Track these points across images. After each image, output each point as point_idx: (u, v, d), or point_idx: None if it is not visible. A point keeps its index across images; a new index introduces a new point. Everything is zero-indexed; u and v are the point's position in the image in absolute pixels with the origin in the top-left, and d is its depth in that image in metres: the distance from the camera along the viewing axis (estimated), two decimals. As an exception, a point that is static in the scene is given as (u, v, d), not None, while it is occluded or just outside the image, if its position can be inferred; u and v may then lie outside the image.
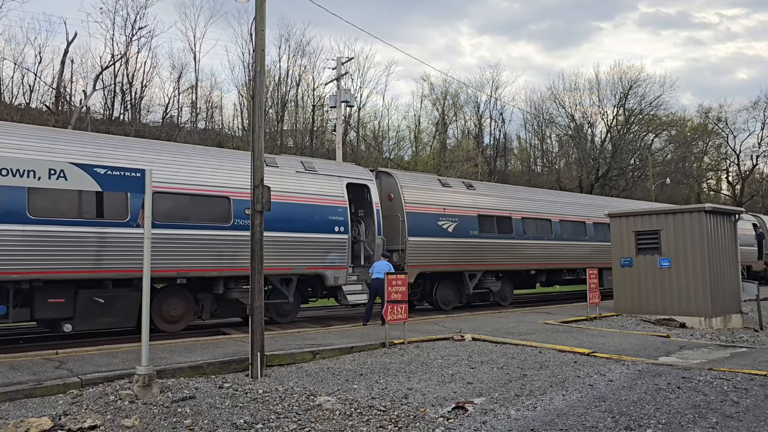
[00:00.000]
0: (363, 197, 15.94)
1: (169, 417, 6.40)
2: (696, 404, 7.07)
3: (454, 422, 6.50)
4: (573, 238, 21.56)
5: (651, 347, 11.06)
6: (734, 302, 16.28)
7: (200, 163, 12.82)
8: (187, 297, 12.78)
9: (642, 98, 53.81)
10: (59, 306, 10.82)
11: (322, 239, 14.24)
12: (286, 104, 45.97)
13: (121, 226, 11.23)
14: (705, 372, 8.79)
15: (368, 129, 51.45)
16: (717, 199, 61.20)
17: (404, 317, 11.14)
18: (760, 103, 59.79)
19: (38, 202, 10.42)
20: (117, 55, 38.69)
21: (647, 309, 15.85)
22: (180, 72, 44.18)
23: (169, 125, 41.48)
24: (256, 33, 8.91)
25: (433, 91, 54.64)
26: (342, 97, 28.71)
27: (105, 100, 39.64)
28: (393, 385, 8.04)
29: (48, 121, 31.01)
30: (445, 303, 18.04)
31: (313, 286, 15.05)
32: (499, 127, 57.92)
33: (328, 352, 10.03)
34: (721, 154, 64.26)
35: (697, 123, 61.76)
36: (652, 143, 57.28)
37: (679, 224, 15.60)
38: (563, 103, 56.14)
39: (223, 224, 12.66)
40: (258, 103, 8.96)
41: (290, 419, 6.53)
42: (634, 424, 6.31)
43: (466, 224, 17.99)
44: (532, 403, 7.19)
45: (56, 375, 7.74)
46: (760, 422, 6.35)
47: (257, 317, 8.59)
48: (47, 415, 6.29)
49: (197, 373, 8.41)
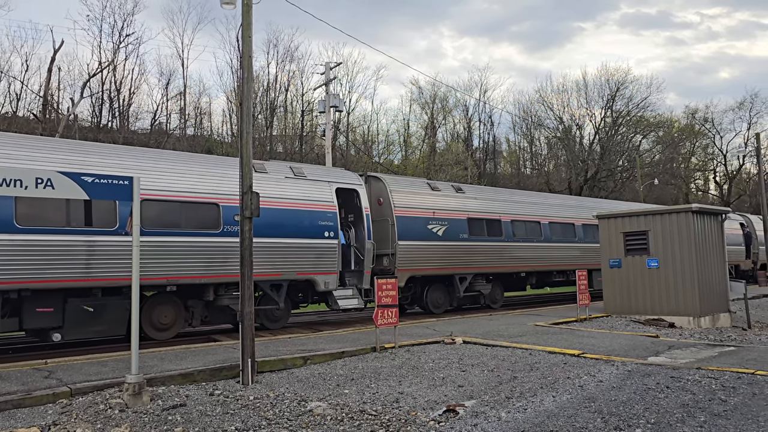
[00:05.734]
0: (352, 202, 15.96)
1: (160, 425, 6.38)
2: (684, 403, 7.13)
3: (444, 425, 6.53)
4: (562, 240, 21.67)
5: (640, 347, 11.14)
6: (722, 301, 16.41)
7: (189, 170, 12.80)
8: (177, 304, 12.74)
9: (629, 100, 54.35)
10: (48, 315, 10.75)
11: (312, 245, 14.24)
12: (275, 110, 45.92)
13: (109, 234, 11.18)
14: (693, 371, 8.86)
15: (358, 134, 51.52)
16: (705, 200, 61.71)
17: (395, 321, 11.15)
18: (745, 103, 60.48)
19: (26, 210, 10.35)
20: (104, 63, 38.55)
21: (637, 309, 15.95)
22: (168, 78, 44.06)
23: (158, 132, 41.31)
24: (243, 40, 8.92)
25: (421, 94, 54.87)
26: (331, 102, 28.68)
27: (93, 107, 39.45)
28: (384, 390, 8.05)
29: (35, 129, 30.80)
30: (436, 306, 18.07)
31: (304, 292, 15.03)
32: (488, 130, 58.19)
33: (319, 357, 10.02)
34: (708, 155, 64.89)
35: (684, 124, 62.34)
36: (640, 144, 57.75)
37: (667, 225, 15.73)
38: (551, 106, 56.54)
39: (212, 231, 12.63)
40: (246, 110, 8.97)
41: (281, 425, 6.53)
42: (623, 424, 6.36)
43: (455, 227, 18.04)
44: (522, 405, 7.22)
45: (46, 384, 7.69)
46: (748, 420, 6.42)
47: (247, 323, 8.58)
48: (36, 425, 6.26)
49: (188, 380, 8.39)
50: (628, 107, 54.38)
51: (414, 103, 55.48)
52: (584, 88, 55.69)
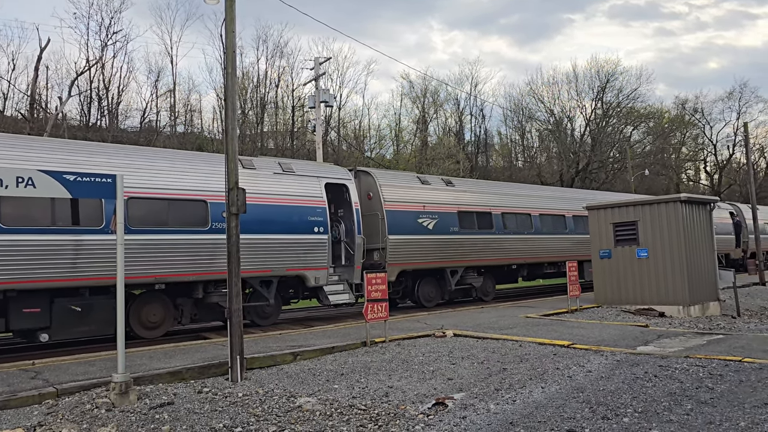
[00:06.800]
0: (342, 197, 15.91)
1: (147, 424, 6.34)
2: (672, 392, 7.16)
3: (433, 418, 6.52)
4: (553, 232, 21.71)
5: (630, 337, 11.17)
6: (712, 290, 16.49)
7: (176, 167, 12.71)
8: (166, 302, 12.67)
9: (619, 91, 54.46)
10: (35, 316, 10.66)
11: (302, 240, 14.19)
12: (265, 106, 45.77)
13: (96, 233, 11.10)
14: (681, 360, 8.90)
15: (349, 129, 51.41)
16: (696, 189, 62.00)
17: (385, 316, 11.14)
18: (734, 93, 60.77)
19: (10, 210, 10.24)
20: (92, 61, 38.28)
21: (627, 299, 16.01)
22: (157, 76, 43.83)
23: (148, 130, 41.07)
24: (226, 34, 8.85)
25: (412, 89, 54.78)
26: (321, 97, 28.59)
27: (81, 106, 39.16)
28: (374, 384, 8.04)
29: (23, 128, 30.56)
30: (428, 300, 18.08)
31: (295, 288, 15.00)
32: (479, 124, 58.22)
33: (309, 353, 10.00)
34: (699, 145, 65.20)
35: (674, 114, 62.55)
36: (631, 135, 57.89)
37: (656, 215, 15.77)
38: (542, 98, 56.59)
39: (200, 228, 12.56)
40: (230, 105, 8.91)
41: (270, 421, 6.50)
42: (611, 414, 6.38)
43: (446, 221, 18.03)
44: (511, 396, 7.23)
45: (31, 385, 7.64)
46: (734, 407, 6.44)
47: (235, 320, 8.55)
48: (21, 426, 6.22)
49: (176, 378, 8.35)
50: (619, 99, 54.56)
51: (405, 97, 55.45)
52: (574, 80, 55.82)
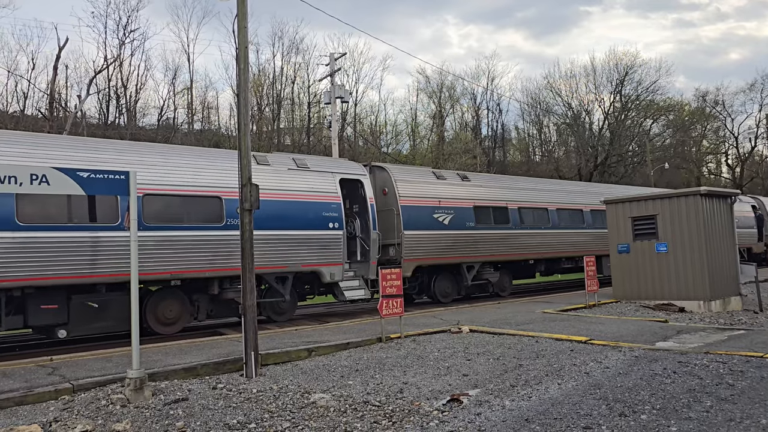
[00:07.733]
0: (357, 192, 15.88)
1: (161, 420, 6.35)
2: (691, 388, 7.02)
3: (448, 415, 6.46)
4: (570, 226, 21.49)
5: (648, 333, 11.01)
6: (733, 285, 16.20)
7: (190, 164, 12.76)
8: (182, 298, 12.75)
9: (638, 84, 53.93)
10: (53, 312, 10.77)
11: (317, 236, 14.18)
12: (281, 102, 45.90)
13: (112, 230, 11.17)
14: (701, 356, 8.73)
15: (365, 124, 51.40)
16: (717, 183, 61.11)
17: (400, 311, 11.08)
18: (756, 84, 59.77)
19: (27, 208, 10.35)
20: (110, 59, 38.66)
21: (646, 295, 15.78)
22: (174, 73, 44.36)
23: (166, 127, 41.42)
24: (238, 30, 8.83)
25: (428, 84, 54.66)
26: (336, 93, 28.55)
27: (100, 104, 39.64)
28: (388, 380, 7.99)
29: (43, 127, 30.98)
30: (444, 296, 18.00)
31: (310, 284, 15.01)
32: (496, 118, 57.95)
33: (323, 348, 9.98)
34: (720, 138, 64.27)
35: (694, 107, 61.72)
36: (650, 129, 57.24)
37: (675, 208, 15.52)
38: (560, 92, 56.15)
39: (215, 224, 12.60)
40: (243, 101, 8.90)
41: (284, 417, 6.48)
42: (628, 411, 6.26)
43: (462, 216, 17.92)
44: (527, 392, 7.14)
45: (48, 381, 7.69)
46: (755, 404, 6.30)
47: (250, 316, 8.54)
48: (37, 422, 6.25)
49: (191, 374, 8.37)
50: (638, 91, 54.01)
51: (421, 92, 55.34)
52: (592, 73, 55.34)
